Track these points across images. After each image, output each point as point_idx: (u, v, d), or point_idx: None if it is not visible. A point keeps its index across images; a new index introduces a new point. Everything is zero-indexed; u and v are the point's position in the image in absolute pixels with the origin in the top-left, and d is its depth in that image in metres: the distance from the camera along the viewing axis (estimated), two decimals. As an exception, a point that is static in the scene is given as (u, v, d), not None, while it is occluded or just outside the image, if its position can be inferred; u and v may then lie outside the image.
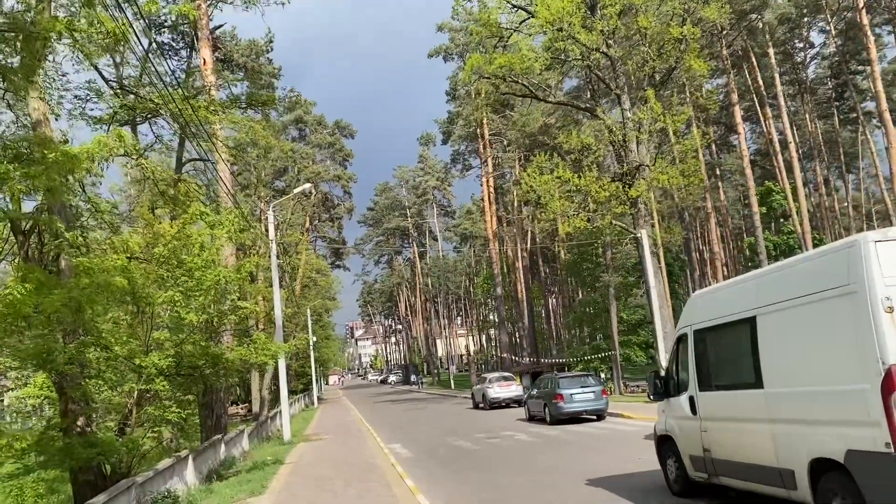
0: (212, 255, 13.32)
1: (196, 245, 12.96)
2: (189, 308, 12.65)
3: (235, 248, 28.84)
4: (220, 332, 22.16)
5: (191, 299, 12.75)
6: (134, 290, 11.05)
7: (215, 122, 16.54)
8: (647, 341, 52.26)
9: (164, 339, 13.03)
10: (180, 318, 12.41)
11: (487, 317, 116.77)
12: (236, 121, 18.05)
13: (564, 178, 30.29)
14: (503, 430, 22.11)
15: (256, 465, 17.49)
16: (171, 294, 12.32)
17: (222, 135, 19.44)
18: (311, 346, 55.30)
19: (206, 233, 13.62)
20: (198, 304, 12.94)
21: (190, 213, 13.50)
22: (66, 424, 14.04)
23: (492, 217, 54.69)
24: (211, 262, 12.90)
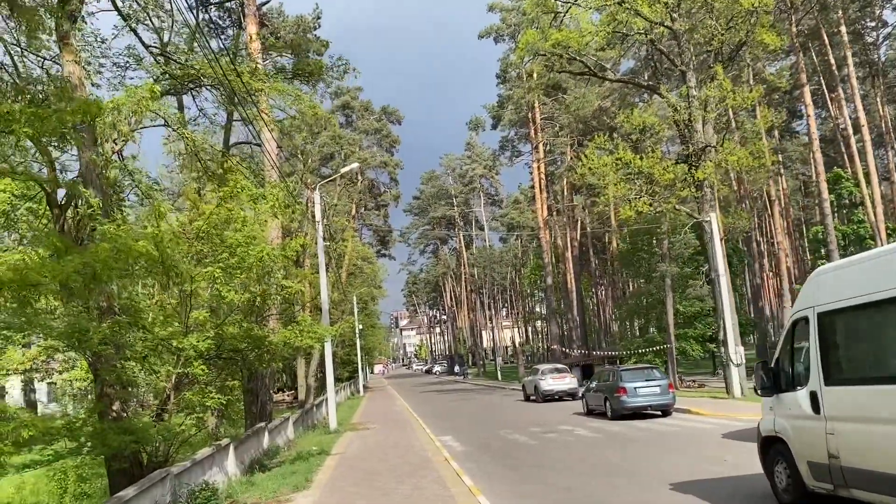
0: (254, 231, 12.27)
1: (238, 220, 11.92)
2: (230, 286, 11.62)
3: (282, 231, 28.03)
4: (266, 315, 21.31)
5: (232, 277, 11.72)
6: (164, 259, 10.00)
7: (261, 90, 15.49)
8: (703, 334, 50.16)
9: (204, 320, 12.02)
10: (220, 296, 11.40)
11: (534, 308, 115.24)
12: (282, 89, 17.00)
13: (625, 159, 28.64)
14: (560, 425, 20.75)
15: (301, 456, 16.50)
16: (211, 270, 11.29)
17: (268, 107, 18.44)
18: (357, 334, 54.61)
19: (248, 206, 12.58)
20: (239, 283, 11.90)
21: (230, 185, 12.45)
22: (101, 409, 13.22)
23: (542, 204, 53.07)
24: (253, 239, 11.84)
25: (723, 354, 28.06)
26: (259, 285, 12.41)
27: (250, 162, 30.92)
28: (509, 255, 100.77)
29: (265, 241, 12.58)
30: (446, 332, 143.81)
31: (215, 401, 12.29)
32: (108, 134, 13.47)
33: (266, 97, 18.34)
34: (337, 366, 59.95)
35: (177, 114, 15.53)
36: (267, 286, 12.58)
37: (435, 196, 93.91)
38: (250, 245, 11.65)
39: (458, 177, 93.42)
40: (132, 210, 16.01)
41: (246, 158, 31.20)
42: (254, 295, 12.38)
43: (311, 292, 30.80)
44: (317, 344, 14.07)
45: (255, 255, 11.47)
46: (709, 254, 29.32)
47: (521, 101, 50.39)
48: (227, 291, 11.44)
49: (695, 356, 51.07)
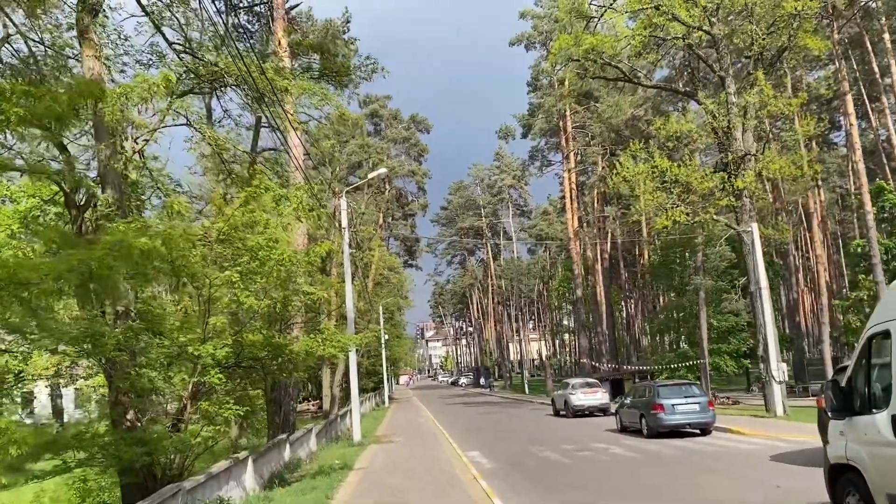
0: (278, 235, 11.66)
1: (261, 223, 11.33)
2: (250, 291, 11.01)
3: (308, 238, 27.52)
4: (290, 323, 20.71)
5: (252, 281, 11.10)
6: (174, 259, 9.40)
7: (286, 89, 14.93)
8: (738, 350, 48.81)
9: (222, 327, 11.41)
10: (239, 302, 10.78)
11: (561, 321, 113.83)
12: (308, 88, 16.45)
13: (661, 167, 27.72)
14: (593, 442, 19.83)
15: (323, 470, 15.80)
16: (229, 274, 10.68)
17: (294, 109, 17.92)
18: (383, 344, 53.97)
19: (271, 208, 11.99)
20: (259, 288, 11.28)
21: (253, 185, 11.86)
22: (115, 418, 12.67)
23: (573, 215, 52.11)
24: (275, 242, 11.22)
25: (762, 371, 26.93)
26: (281, 291, 11.77)
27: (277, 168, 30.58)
28: (537, 267, 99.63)
29: (290, 246, 11.94)
30: (472, 343, 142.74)
31: (232, 412, 11.67)
32: (127, 132, 13.00)
33: (292, 98, 17.83)
34: (362, 376, 59.31)
35: (200, 113, 15.05)
36: (289, 292, 11.93)
37: (463, 206, 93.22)
38: (272, 248, 11.02)
39: (487, 187, 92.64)
40: (154, 213, 15.51)
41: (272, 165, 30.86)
42: (274, 301, 11.74)
43: (337, 301, 30.27)
44: (340, 353, 13.39)
45: (276, 258, 10.84)
46: (747, 266, 28.19)
47: (552, 109, 49.59)
48: (245, 297, 10.82)
49: (728, 372, 49.67)
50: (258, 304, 11.17)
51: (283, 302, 11.93)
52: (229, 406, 11.65)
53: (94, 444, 10.92)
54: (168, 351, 11.71)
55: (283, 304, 11.93)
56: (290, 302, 12.13)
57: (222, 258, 11.60)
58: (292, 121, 16.67)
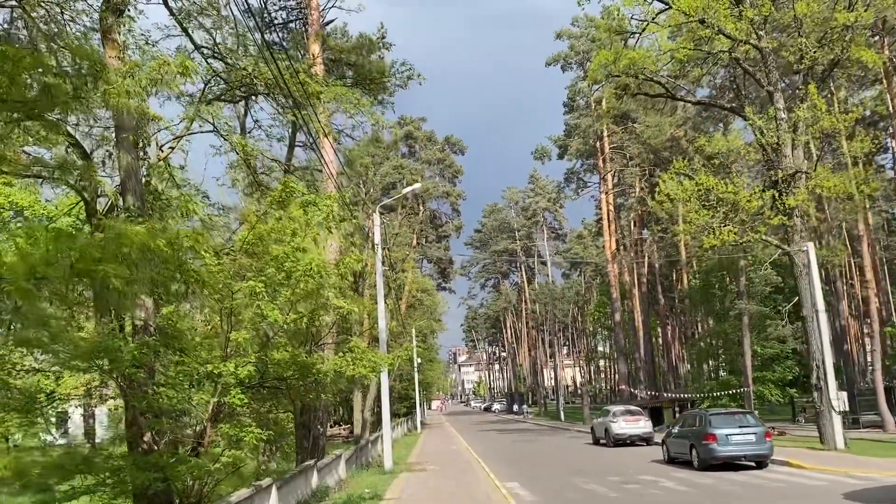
0: (305, 244, 10.83)
1: (288, 231, 10.52)
2: (274, 304, 10.17)
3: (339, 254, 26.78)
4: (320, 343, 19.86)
5: (276, 293, 10.26)
6: (180, 263, 8.59)
7: (319, 93, 14.21)
8: (783, 378, 46.89)
9: (244, 343, 10.57)
10: (263, 315, 9.95)
11: (596, 347, 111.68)
12: (341, 93, 15.73)
13: (707, 185, 26.52)
14: (640, 474, 18.54)
15: (351, 500, 14.84)
16: (252, 285, 9.86)
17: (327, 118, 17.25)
18: (415, 367, 52.96)
19: (299, 216, 11.17)
20: (284, 301, 10.43)
21: (279, 189, 11.08)
22: (131, 440, 11.88)
23: (611, 237, 50.84)
24: (302, 251, 10.39)
25: (817, 400, 25.35)
26: (308, 304, 10.89)
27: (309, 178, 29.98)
28: (571, 292, 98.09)
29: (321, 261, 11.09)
30: (505, 368, 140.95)
31: (254, 435, 10.76)
32: (150, 136, 12.36)
33: (325, 109, 17.15)
34: (394, 400, 58.29)
35: (229, 121, 14.41)
36: (316, 306, 11.05)
37: (497, 229, 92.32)
38: (298, 258, 10.18)
39: (521, 210, 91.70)
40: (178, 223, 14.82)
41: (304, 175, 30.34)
42: (301, 315, 10.86)
43: (369, 322, 29.41)
44: (371, 374, 12.44)
45: (302, 267, 9.99)
46: (799, 289, 26.70)
47: (588, 129, 48.62)
48: (270, 310, 9.97)
49: (773, 401, 47.71)
50: (283, 319, 10.29)
51: (311, 316, 11.04)
52: (251, 429, 10.76)
53: (106, 469, 10.11)
54: (187, 369, 10.90)
55: (310, 318, 11.03)
56: (319, 316, 11.22)
57: (246, 269, 10.79)
58: (325, 127, 15.95)
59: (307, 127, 15.09)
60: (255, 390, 12.34)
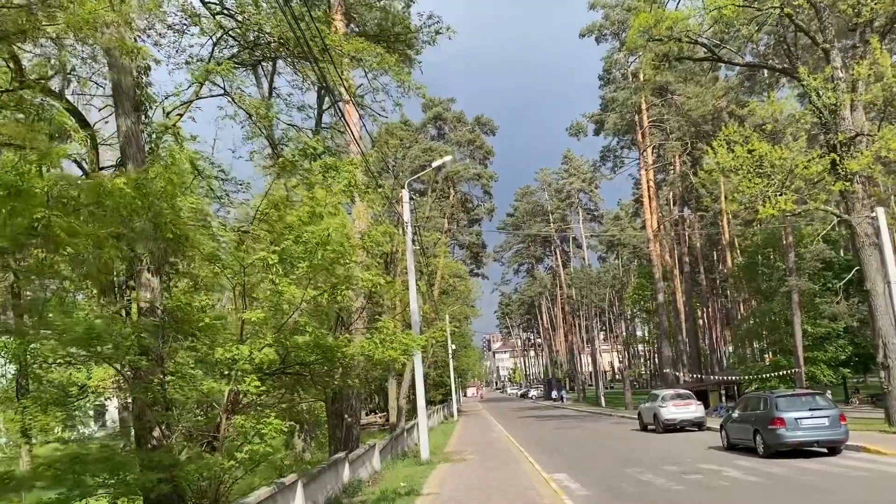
0: (325, 210, 9.50)
1: (307, 197, 9.20)
2: (291, 278, 8.88)
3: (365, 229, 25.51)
4: (349, 328, 18.58)
5: (293, 267, 8.95)
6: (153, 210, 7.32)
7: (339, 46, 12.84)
8: (835, 358, 44.61)
9: (260, 322, 9.30)
10: (278, 292, 8.67)
11: (635, 331, 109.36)
12: (363, 47, 14.31)
13: (760, 151, 24.68)
14: (700, 462, 16.98)
15: (385, 496, 13.55)
16: (265, 255, 8.57)
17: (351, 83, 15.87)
18: (450, 354, 51.72)
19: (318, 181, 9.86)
20: (301, 274, 9.11)
21: (295, 150, 9.77)
22: (139, 434, 10.74)
23: (652, 214, 48.82)
24: (319, 217, 9.06)
25: (883, 380, 23.56)
26: (329, 277, 9.55)
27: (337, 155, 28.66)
28: (608, 276, 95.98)
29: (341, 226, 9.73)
30: (541, 354, 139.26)
31: (273, 426, 9.50)
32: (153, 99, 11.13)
33: (348, 73, 15.78)
34: (429, 388, 57.19)
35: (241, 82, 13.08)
36: (337, 280, 9.70)
37: (530, 213, 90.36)
38: (316, 224, 8.84)
39: (555, 192, 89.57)
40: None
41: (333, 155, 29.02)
42: (321, 291, 9.52)
43: (401, 306, 28.17)
44: (402, 357, 11.05)
45: (320, 234, 8.65)
46: (861, 260, 24.77)
47: (626, 102, 46.56)
48: (286, 285, 8.68)
49: (826, 382, 45.52)
50: (301, 295, 8.96)
51: (332, 292, 9.70)
52: (269, 420, 9.50)
53: (106, 468, 8.94)
54: (198, 355, 9.68)
55: (331, 294, 9.69)
56: (342, 292, 9.85)
57: (259, 242, 9.52)
58: (348, 89, 14.57)
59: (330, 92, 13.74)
60: (277, 377, 11.11)
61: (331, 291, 9.55)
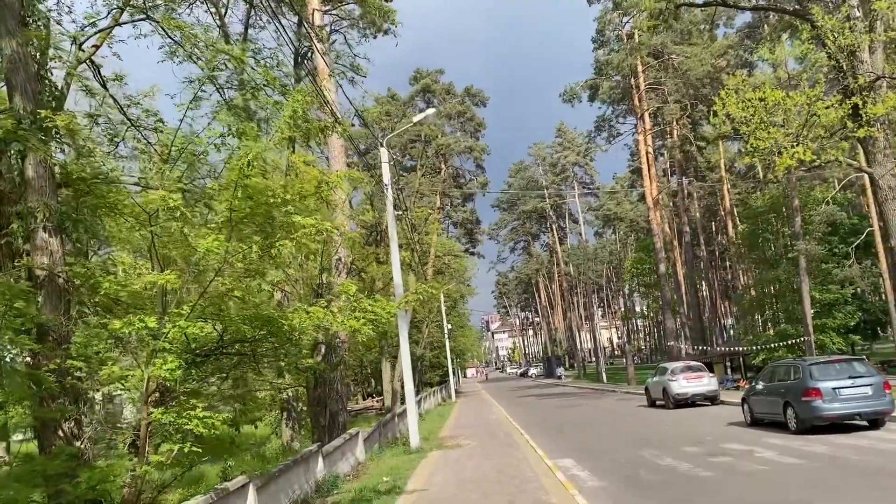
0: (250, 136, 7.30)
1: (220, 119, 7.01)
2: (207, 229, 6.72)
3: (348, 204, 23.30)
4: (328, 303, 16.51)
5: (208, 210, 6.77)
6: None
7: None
8: (844, 325, 42.73)
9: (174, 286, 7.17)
10: (187, 243, 6.53)
11: (634, 307, 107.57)
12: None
13: (773, 98, 22.50)
14: (723, 442, 14.96)
15: (363, 496, 11.48)
16: (163, 194, 6.33)
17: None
18: (446, 335, 49.71)
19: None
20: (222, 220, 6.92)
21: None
22: (40, 437, 8.63)
23: (651, 182, 46.61)
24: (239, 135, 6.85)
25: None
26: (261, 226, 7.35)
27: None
28: (605, 252, 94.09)
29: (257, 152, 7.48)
30: (540, 333, 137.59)
31: (200, 423, 7.37)
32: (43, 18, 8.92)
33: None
34: (426, 369, 55.24)
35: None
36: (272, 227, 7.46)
37: (525, 188, 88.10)
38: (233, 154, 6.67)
39: (549, 166, 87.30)
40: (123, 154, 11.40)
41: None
42: (248, 243, 7.29)
43: (384, 280, 26.08)
44: (366, 329, 8.80)
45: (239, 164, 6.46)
46: (885, 216, 22.72)
47: (622, 65, 44.21)
48: (199, 235, 6.54)
49: (835, 349, 43.74)
50: (217, 246, 6.76)
51: (265, 245, 7.44)
52: (194, 414, 7.36)
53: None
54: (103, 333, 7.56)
55: (263, 247, 7.45)
56: (276, 243, 7.57)
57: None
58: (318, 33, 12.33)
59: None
60: (217, 358, 8.97)
61: (262, 244, 7.35)
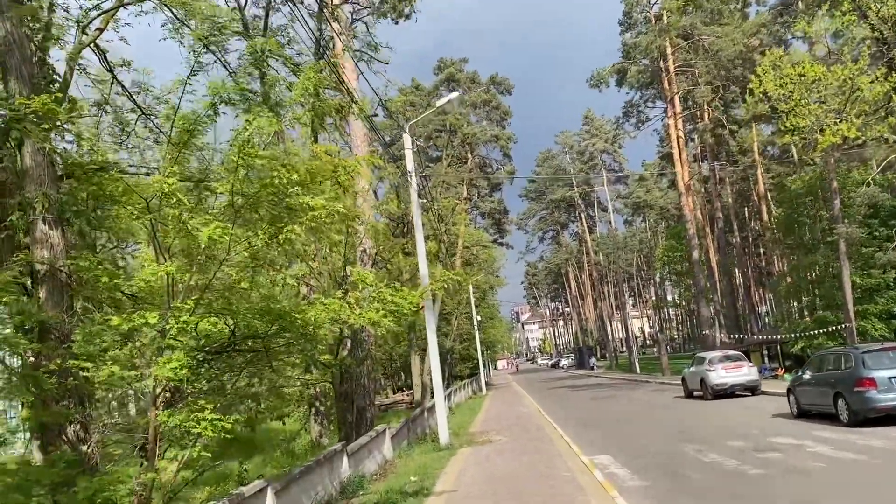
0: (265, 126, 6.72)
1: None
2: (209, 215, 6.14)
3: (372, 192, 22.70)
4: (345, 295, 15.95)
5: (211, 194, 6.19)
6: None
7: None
8: (887, 310, 41.21)
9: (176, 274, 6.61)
10: (186, 230, 5.96)
11: (665, 295, 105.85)
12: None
13: (813, 74, 21.48)
14: (771, 436, 14.12)
15: (389, 498, 10.88)
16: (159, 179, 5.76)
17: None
18: (476, 326, 49.08)
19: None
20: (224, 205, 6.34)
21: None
22: (44, 441, 8.16)
23: (683, 166, 45.37)
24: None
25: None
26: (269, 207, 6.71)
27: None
28: (634, 240, 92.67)
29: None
30: (570, 323, 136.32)
31: (212, 427, 6.81)
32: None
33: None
34: (455, 362, 54.65)
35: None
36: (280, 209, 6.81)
37: (552, 177, 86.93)
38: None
39: (577, 155, 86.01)
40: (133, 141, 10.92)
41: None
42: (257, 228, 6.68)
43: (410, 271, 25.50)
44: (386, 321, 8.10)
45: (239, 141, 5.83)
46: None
47: (650, 47, 42.99)
48: (199, 221, 5.97)
49: (878, 336, 42.22)
50: (224, 236, 6.10)
51: (270, 231, 6.72)
52: (204, 416, 6.80)
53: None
54: (99, 330, 7.03)
55: (272, 234, 6.73)
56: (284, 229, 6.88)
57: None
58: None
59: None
60: (229, 355, 8.42)
61: (268, 230, 6.70)
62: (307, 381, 20.61)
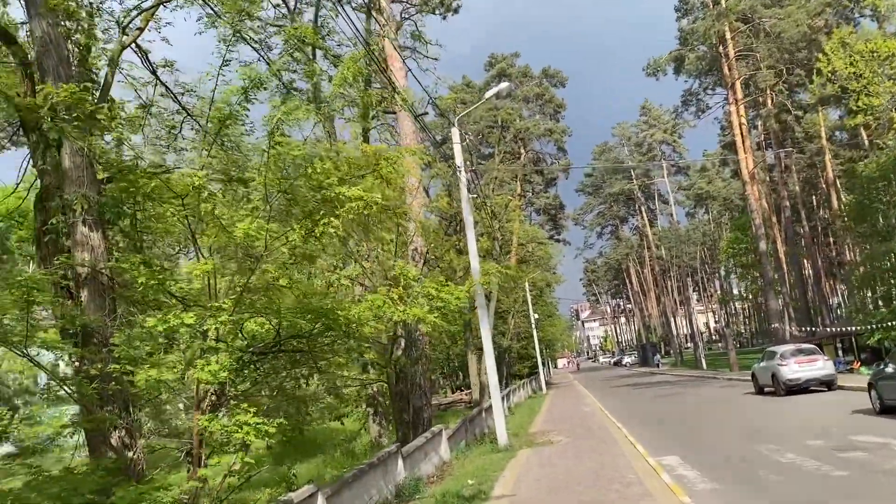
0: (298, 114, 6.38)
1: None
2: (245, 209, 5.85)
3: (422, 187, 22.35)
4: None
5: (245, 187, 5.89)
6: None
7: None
8: (969, 300, 38.92)
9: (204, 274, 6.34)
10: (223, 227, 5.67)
11: (731, 289, 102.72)
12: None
13: (886, 49, 20.23)
14: (852, 434, 13.18)
15: (445, 502, 10.49)
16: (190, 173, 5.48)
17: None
18: (534, 325, 48.34)
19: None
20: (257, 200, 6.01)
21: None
22: (91, 447, 8.03)
23: (747, 154, 43.75)
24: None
25: None
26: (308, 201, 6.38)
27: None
28: (697, 233, 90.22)
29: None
30: (633, 320, 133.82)
31: (255, 431, 6.53)
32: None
33: None
34: (513, 361, 53.95)
35: None
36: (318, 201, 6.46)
37: (610, 170, 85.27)
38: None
39: (635, 146, 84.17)
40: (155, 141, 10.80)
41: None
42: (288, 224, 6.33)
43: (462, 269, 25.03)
44: (431, 318, 7.70)
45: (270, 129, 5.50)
46: None
47: (708, 32, 41.57)
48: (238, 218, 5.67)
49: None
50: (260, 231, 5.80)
51: (305, 225, 6.41)
52: (249, 421, 6.51)
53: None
54: (139, 332, 6.83)
55: (305, 227, 6.44)
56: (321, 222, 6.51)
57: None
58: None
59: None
60: (275, 356, 8.15)
61: (304, 223, 6.34)
62: (364, 381, 20.48)
